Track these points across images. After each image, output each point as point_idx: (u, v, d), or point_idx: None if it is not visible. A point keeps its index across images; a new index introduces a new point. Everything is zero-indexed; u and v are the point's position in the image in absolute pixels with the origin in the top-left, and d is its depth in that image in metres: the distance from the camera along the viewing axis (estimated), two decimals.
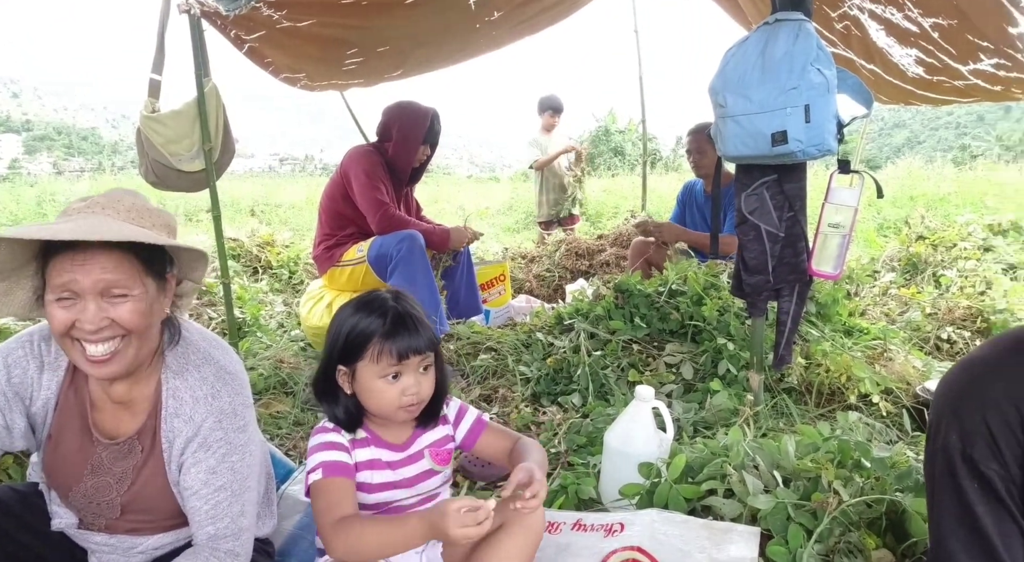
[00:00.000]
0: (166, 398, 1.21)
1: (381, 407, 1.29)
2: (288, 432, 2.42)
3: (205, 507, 1.20)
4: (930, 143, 47.72)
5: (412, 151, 3.20)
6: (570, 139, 5.98)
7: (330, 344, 1.31)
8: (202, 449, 1.20)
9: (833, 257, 2.10)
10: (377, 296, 1.32)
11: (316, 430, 1.35)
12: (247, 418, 1.27)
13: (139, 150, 2.81)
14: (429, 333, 1.29)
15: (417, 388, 1.28)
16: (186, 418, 1.20)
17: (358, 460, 1.31)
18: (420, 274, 2.96)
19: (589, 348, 2.67)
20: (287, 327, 3.80)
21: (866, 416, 2.28)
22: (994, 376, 0.93)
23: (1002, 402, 0.90)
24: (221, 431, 1.21)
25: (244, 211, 9.53)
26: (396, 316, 1.27)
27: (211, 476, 1.20)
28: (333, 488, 1.25)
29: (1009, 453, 0.90)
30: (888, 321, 3.38)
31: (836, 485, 1.51)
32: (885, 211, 6.84)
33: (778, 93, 1.85)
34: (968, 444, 0.92)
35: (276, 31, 2.97)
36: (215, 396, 1.22)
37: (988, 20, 2.79)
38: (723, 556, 1.41)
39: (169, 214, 1.25)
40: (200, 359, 1.25)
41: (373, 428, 1.35)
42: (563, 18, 4.04)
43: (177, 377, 1.22)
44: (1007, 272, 4.17)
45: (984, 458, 0.91)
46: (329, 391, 1.32)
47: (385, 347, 1.24)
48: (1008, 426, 0.90)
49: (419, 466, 1.37)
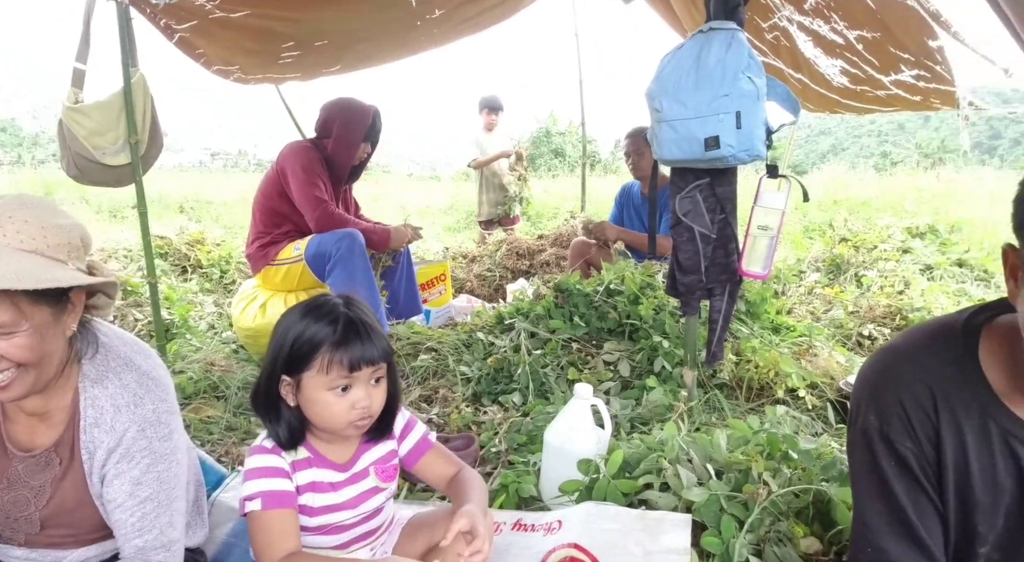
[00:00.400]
0: (84, 408, 1.14)
1: (328, 422, 1.21)
2: (219, 437, 2.34)
3: (131, 520, 1.14)
4: (853, 150, 50.18)
5: (352, 149, 3.14)
6: (511, 139, 6.02)
7: (273, 352, 1.21)
8: (125, 460, 1.13)
9: (762, 258, 2.18)
10: (326, 301, 1.23)
11: (254, 450, 1.25)
12: (172, 425, 1.20)
13: (61, 142, 2.67)
14: (383, 342, 1.22)
15: (368, 401, 1.20)
16: (107, 428, 1.13)
17: (299, 483, 1.23)
18: (360, 274, 2.91)
19: (529, 347, 2.69)
20: (218, 329, 3.68)
21: (793, 409, 2.37)
22: (909, 361, 0.99)
23: (915, 384, 0.96)
24: (145, 440, 1.14)
25: (172, 208, 9.16)
26: (348, 323, 1.18)
27: (136, 487, 1.14)
28: (275, 522, 1.18)
29: (922, 432, 0.95)
30: (813, 319, 3.54)
31: (766, 476, 1.57)
32: (811, 214, 7.14)
33: (711, 99, 1.91)
34: (885, 424, 0.98)
35: (208, 21, 2.87)
36: (137, 404, 1.15)
37: (910, 33, 2.96)
38: (657, 547, 1.44)
39: (75, 226, 1.10)
40: (120, 365, 1.18)
41: (316, 445, 1.27)
42: (505, 19, 4.05)
43: (96, 385, 1.15)
44: (924, 272, 4.43)
45: (900, 437, 0.97)
46: (271, 404, 1.23)
47: (335, 357, 1.16)
48: (921, 407, 0.95)
49: (363, 485, 1.30)
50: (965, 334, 0.97)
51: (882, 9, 2.88)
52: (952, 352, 0.97)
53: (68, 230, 1.08)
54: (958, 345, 0.97)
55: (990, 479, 0.94)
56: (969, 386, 0.94)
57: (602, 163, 14.00)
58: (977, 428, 0.94)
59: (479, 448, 2.17)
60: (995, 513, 0.94)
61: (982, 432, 0.94)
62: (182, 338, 3.37)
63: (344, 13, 3.20)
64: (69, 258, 1.07)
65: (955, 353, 0.97)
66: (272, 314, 3.04)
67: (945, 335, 0.99)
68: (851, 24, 3.03)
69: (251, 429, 2.39)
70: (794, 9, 3.10)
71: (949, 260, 4.62)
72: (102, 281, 1.10)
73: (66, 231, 1.07)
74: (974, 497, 0.94)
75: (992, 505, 0.94)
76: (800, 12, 3.08)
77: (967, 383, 0.95)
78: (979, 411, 0.94)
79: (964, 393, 0.95)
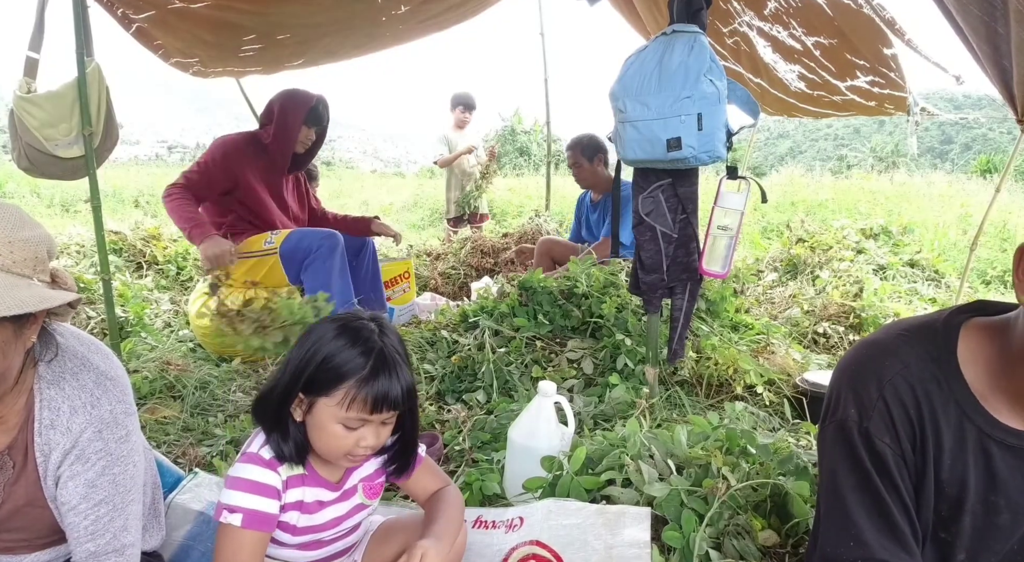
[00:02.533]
0: (40, 410, 1.10)
1: (328, 451, 1.18)
2: (176, 438, 2.28)
3: (84, 523, 1.10)
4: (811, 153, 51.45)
5: (291, 133, 3.06)
6: (483, 138, 5.98)
7: (296, 365, 1.15)
8: (80, 461, 1.10)
9: (721, 257, 2.23)
10: (364, 325, 1.16)
11: (250, 457, 1.19)
12: (129, 427, 1.17)
13: (12, 133, 2.58)
14: (407, 380, 1.17)
15: (374, 441, 1.17)
16: (63, 429, 1.09)
17: (287, 501, 1.20)
18: (336, 276, 2.85)
19: (494, 345, 2.70)
20: (174, 327, 3.59)
21: (751, 406, 2.43)
22: (891, 356, 0.99)
23: (898, 381, 0.96)
24: (101, 442, 1.11)
25: (128, 202, 8.91)
26: (380, 357, 1.13)
27: (90, 490, 1.10)
28: (249, 542, 1.15)
29: (903, 429, 0.95)
30: (771, 317, 3.62)
31: (725, 471, 1.60)
32: (769, 215, 7.30)
33: (673, 101, 1.94)
34: (865, 418, 0.97)
35: (167, 12, 2.80)
36: (95, 405, 1.12)
37: (865, 41, 3.05)
38: (618, 541, 1.46)
39: (42, 239, 1.03)
40: (77, 366, 1.14)
41: (313, 461, 1.24)
42: (470, 17, 4.04)
43: (52, 387, 1.11)
44: (877, 272, 4.57)
45: (879, 432, 0.96)
46: (280, 418, 1.18)
47: (360, 394, 1.11)
48: (903, 404, 0.95)
49: (350, 503, 1.28)
50: (944, 333, 0.98)
51: (839, 16, 2.96)
52: (931, 350, 0.97)
53: (35, 244, 1.02)
54: (938, 343, 0.98)
55: (959, 477, 0.95)
56: (948, 384, 0.95)
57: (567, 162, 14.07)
58: (954, 426, 0.95)
59: (443, 446, 2.17)
60: (961, 509, 0.95)
61: (958, 430, 0.95)
62: (137, 337, 3.28)
63: (308, 7, 3.15)
64: (35, 273, 1.02)
65: (934, 351, 0.97)
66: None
67: (925, 333, 0.99)
68: (809, 30, 3.11)
69: (208, 429, 2.34)
70: (754, 14, 3.17)
71: (901, 260, 4.77)
72: (72, 299, 1.05)
73: (33, 245, 1.02)
74: (943, 488, 0.96)
75: (958, 499, 0.95)
76: (760, 18, 3.15)
77: (946, 381, 0.95)
78: (956, 410, 0.94)
79: (943, 391, 0.95)
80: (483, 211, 5.94)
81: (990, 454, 0.93)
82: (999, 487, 0.94)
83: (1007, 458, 0.93)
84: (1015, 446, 0.93)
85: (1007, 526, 0.94)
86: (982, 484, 0.94)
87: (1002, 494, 0.93)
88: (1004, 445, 0.93)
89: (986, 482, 0.94)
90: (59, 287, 1.06)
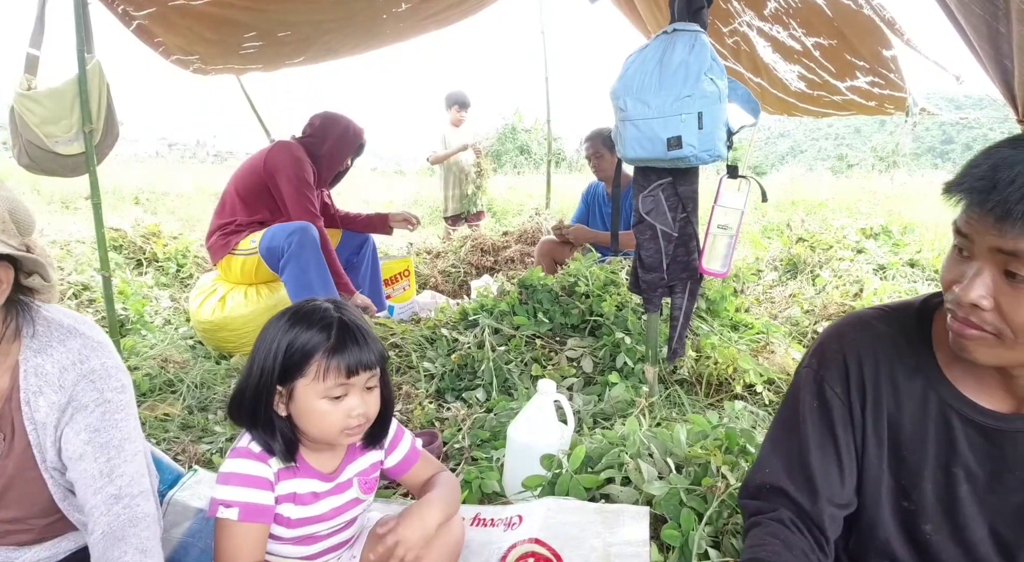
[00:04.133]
0: (25, 379, 1.10)
1: (322, 431, 1.17)
2: (175, 436, 2.29)
3: (97, 466, 1.09)
4: (811, 152, 51.45)
5: (340, 162, 3.34)
6: (476, 135, 6.00)
7: (260, 362, 1.16)
8: (79, 411, 1.10)
9: (721, 256, 2.23)
10: (316, 306, 1.19)
11: (239, 452, 1.19)
12: (124, 382, 1.17)
13: (12, 130, 2.58)
14: (378, 345, 1.19)
15: (364, 408, 1.18)
16: (55, 388, 1.10)
17: (280, 494, 1.20)
18: (313, 268, 2.86)
19: (493, 344, 2.70)
20: (174, 323, 3.59)
21: (751, 405, 2.43)
22: (863, 328, 1.06)
23: (862, 346, 1.03)
24: (96, 391, 1.12)
25: (128, 199, 8.89)
26: (342, 327, 1.15)
27: (94, 434, 1.10)
28: (248, 535, 1.15)
29: (855, 384, 1.02)
30: (770, 317, 3.62)
31: (724, 470, 1.60)
32: (769, 215, 7.29)
33: (674, 100, 1.94)
34: (823, 368, 1.05)
35: (168, 9, 2.80)
36: (83, 361, 1.12)
37: (865, 42, 3.05)
38: (617, 539, 1.47)
39: (4, 199, 1.05)
40: (64, 333, 1.14)
41: (304, 454, 1.24)
42: (471, 14, 4.04)
43: (39, 355, 1.11)
44: (877, 272, 4.56)
45: (831, 381, 1.04)
46: (260, 416, 1.18)
47: (332, 363, 1.13)
48: (860, 364, 1.03)
49: (345, 496, 1.28)
50: (920, 312, 1.04)
51: (839, 17, 2.96)
52: (906, 326, 1.03)
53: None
54: (913, 321, 1.03)
55: (919, 443, 0.99)
56: (915, 356, 1.01)
57: (567, 161, 14.08)
58: (918, 394, 1.00)
59: (442, 444, 2.17)
60: (920, 476, 0.99)
61: (921, 399, 1.00)
62: (137, 334, 3.28)
63: (308, 4, 3.15)
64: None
65: (908, 327, 1.03)
66: (232, 307, 2.99)
67: (903, 310, 1.06)
68: (809, 31, 3.11)
69: (208, 427, 2.34)
70: (754, 14, 3.17)
71: (901, 260, 4.77)
72: (21, 256, 1.03)
73: None
74: (901, 454, 1.01)
75: (917, 466, 0.99)
76: (760, 18, 3.15)
77: (915, 354, 1.01)
78: (922, 380, 1.00)
79: (909, 364, 1.01)
80: (480, 209, 5.95)
81: (951, 425, 0.98)
82: (959, 459, 0.97)
83: (968, 431, 0.97)
84: (976, 421, 0.97)
85: (967, 498, 0.97)
86: (943, 453, 0.98)
87: (961, 465, 0.97)
88: (965, 418, 0.97)
89: (947, 452, 0.98)
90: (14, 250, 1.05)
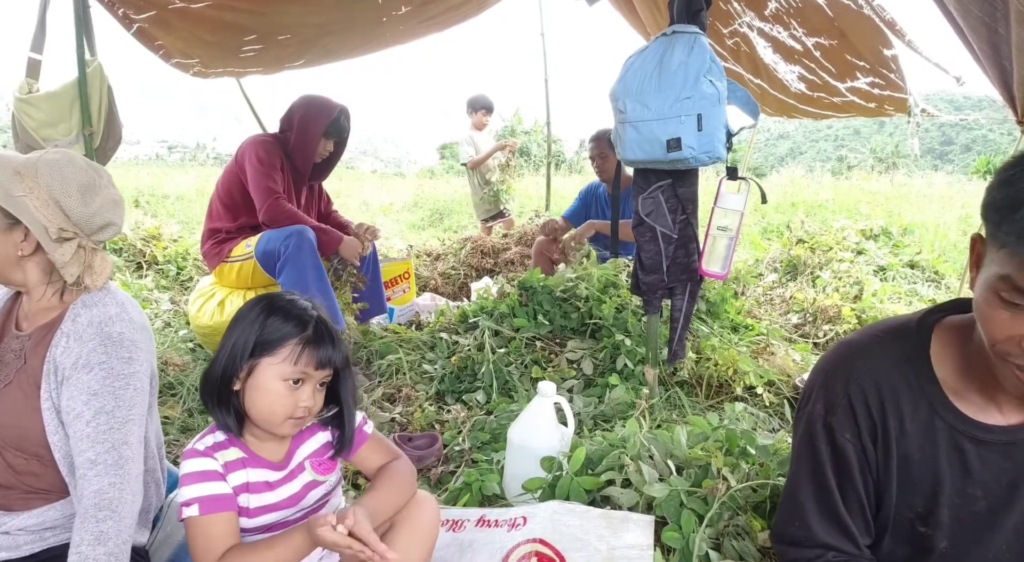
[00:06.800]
0: (66, 321, 1.26)
1: (271, 413, 1.21)
2: (175, 438, 2.29)
3: (86, 430, 1.18)
4: (811, 154, 51.43)
5: (312, 143, 3.01)
6: (507, 141, 5.95)
7: (235, 339, 1.21)
8: (84, 370, 1.20)
9: (721, 258, 2.23)
10: (295, 301, 1.26)
11: (187, 454, 1.24)
12: (135, 355, 1.25)
13: (13, 134, 2.59)
14: (345, 349, 1.27)
15: (311, 402, 1.22)
16: (77, 337, 1.23)
17: (234, 484, 1.22)
18: (311, 272, 2.82)
19: (493, 345, 2.70)
20: (175, 326, 3.59)
21: (751, 406, 2.43)
22: (861, 357, 1.03)
23: (864, 380, 1.01)
24: (104, 355, 1.21)
25: (128, 201, 8.88)
26: (320, 323, 1.23)
27: (91, 397, 1.19)
28: (214, 526, 1.18)
29: (864, 425, 1.01)
30: (770, 319, 3.62)
31: (724, 472, 1.60)
32: (769, 216, 7.30)
33: (673, 102, 1.95)
34: (830, 413, 1.03)
35: (168, 12, 2.80)
36: (107, 324, 1.24)
37: (866, 42, 3.05)
38: (620, 543, 1.47)
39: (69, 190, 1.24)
40: (111, 301, 1.29)
41: (250, 443, 1.27)
42: (471, 17, 4.05)
43: (85, 308, 1.27)
44: (877, 273, 4.57)
45: (841, 428, 1.02)
46: (225, 393, 1.23)
47: (306, 350, 1.20)
48: (866, 402, 1.00)
49: (300, 480, 1.29)
50: (918, 333, 1.01)
51: (840, 17, 2.96)
52: (905, 350, 1.01)
53: (57, 187, 1.24)
54: (911, 343, 1.01)
55: (931, 472, 0.98)
56: (918, 384, 0.98)
57: (567, 162, 14.08)
58: (923, 423, 0.98)
59: (443, 446, 2.17)
60: (936, 502, 0.98)
61: (928, 428, 0.98)
62: None
63: (308, 7, 3.15)
64: (34, 198, 1.23)
65: (907, 351, 1.01)
66: (231, 311, 2.98)
67: (900, 333, 1.03)
68: (810, 31, 3.11)
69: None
70: (755, 15, 3.17)
71: (901, 261, 4.77)
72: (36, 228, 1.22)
73: (55, 187, 1.24)
74: (914, 482, 0.99)
75: (932, 493, 0.98)
76: (760, 18, 3.15)
77: (917, 381, 0.99)
78: (927, 409, 0.98)
79: (913, 391, 0.99)
80: (505, 208, 5.92)
81: (963, 449, 0.96)
82: (975, 479, 0.97)
83: (980, 451, 0.96)
84: (987, 440, 0.96)
85: (984, 512, 0.97)
86: (958, 478, 0.97)
87: (978, 484, 0.97)
88: (976, 440, 0.96)
89: (962, 475, 0.97)
90: (63, 242, 1.25)
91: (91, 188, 1.28)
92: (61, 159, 1.26)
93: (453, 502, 1.81)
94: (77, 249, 1.27)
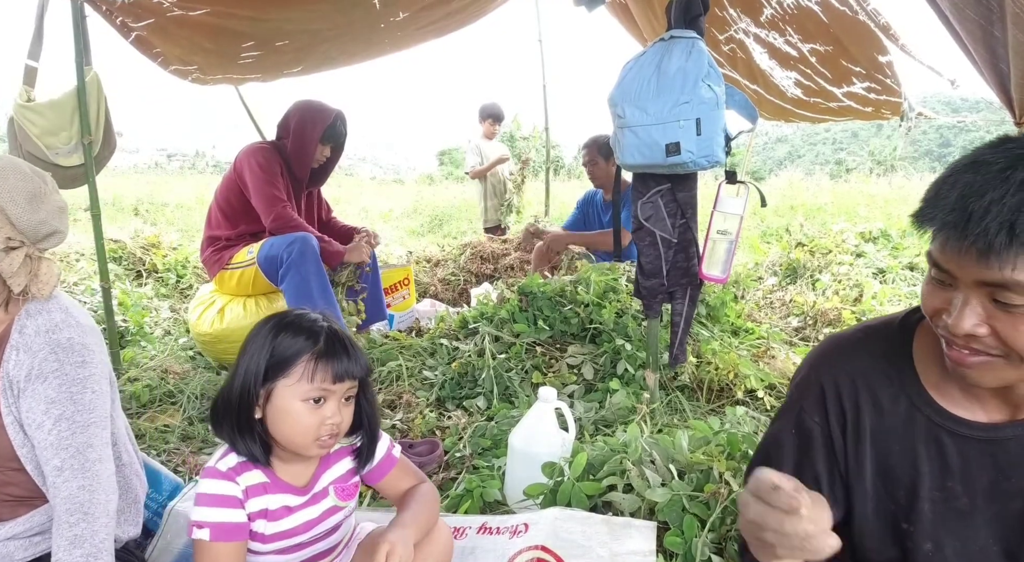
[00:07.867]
0: (14, 333, 1.23)
1: (296, 436, 1.16)
2: (176, 447, 2.28)
3: (49, 439, 1.18)
4: (809, 157, 51.51)
5: (308, 148, 3.02)
6: (505, 156, 5.95)
7: (247, 365, 1.16)
8: (39, 380, 1.20)
9: (721, 262, 2.23)
10: (305, 314, 1.20)
11: (208, 472, 1.19)
12: (87, 357, 1.25)
13: (11, 141, 2.60)
14: (363, 359, 1.20)
15: (338, 418, 1.17)
16: (26, 349, 1.21)
17: (251, 511, 1.18)
18: (314, 278, 2.82)
19: (494, 351, 2.69)
20: (174, 334, 3.59)
21: (752, 410, 2.42)
22: (842, 353, 1.07)
23: (841, 373, 1.04)
24: (56, 362, 1.21)
25: (127, 210, 8.89)
26: (332, 334, 1.17)
27: (50, 406, 1.19)
28: (219, 554, 1.14)
29: (833, 412, 1.03)
30: (771, 322, 3.62)
31: (727, 476, 1.60)
32: (768, 219, 7.30)
33: (672, 106, 1.95)
34: (803, 398, 1.07)
35: (166, 19, 2.81)
36: (54, 331, 1.23)
37: (861, 48, 3.06)
38: (623, 549, 1.46)
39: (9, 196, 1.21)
40: (56, 307, 1.27)
41: (277, 467, 1.22)
42: (469, 23, 4.06)
43: (30, 317, 1.25)
44: (877, 276, 4.57)
45: (811, 410, 1.05)
46: (244, 421, 1.17)
47: (319, 366, 1.13)
48: (838, 393, 1.03)
49: (321, 506, 1.26)
50: (901, 331, 1.04)
51: (834, 23, 2.98)
52: (886, 347, 1.03)
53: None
54: (893, 341, 1.03)
55: (910, 463, 0.99)
56: (898, 379, 1.01)
57: (566, 168, 14.10)
58: (903, 416, 1.00)
59: (443, 453, 2.16)
60: (916, 496, 0.99)
61: (907, 420, 0.99)
62: (136, 345, 3.27)
63: (306, 13, 3.16)
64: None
65: (889, 348, 1.03)
66: (231, 319, 2.98)
67: (883, 331, 1.06)
68: (805, 37, 3.12)
69: (208, 438, 2.33)
70: (751, 21, 3.18)
71: (900, 264, 4.77)
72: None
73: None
74: (894, 476, 1.01)
75: (912, 487, 0.99)
76: (756, 24, 3.17)
77: (897, 376, 1.01)
78: (906, 402, 1.00)
79: (892, 386, 1.01)
80: (507, 223, 5.92)
81: (941, 442, 0.98)
82: (954, 473, 0.97)
83: (959, 446, 0.97)
84: (966, 435, 0.96)
85: (966, 509, 0.97)
86: (937, 471, 0.98)
87: (958, 480, 0.97)
88: (955, 434, 0.97)
89: (941, 469, 0.98)
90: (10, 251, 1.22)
91: (37, 196, 1.25)
92: (7, 166, 1.23)
93: (454, 509, 1.80)
94: (24, 258, 1.24)
